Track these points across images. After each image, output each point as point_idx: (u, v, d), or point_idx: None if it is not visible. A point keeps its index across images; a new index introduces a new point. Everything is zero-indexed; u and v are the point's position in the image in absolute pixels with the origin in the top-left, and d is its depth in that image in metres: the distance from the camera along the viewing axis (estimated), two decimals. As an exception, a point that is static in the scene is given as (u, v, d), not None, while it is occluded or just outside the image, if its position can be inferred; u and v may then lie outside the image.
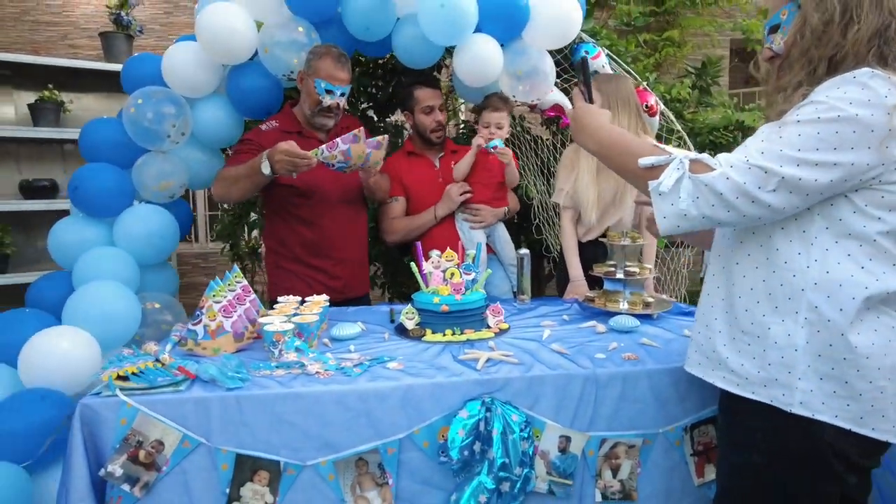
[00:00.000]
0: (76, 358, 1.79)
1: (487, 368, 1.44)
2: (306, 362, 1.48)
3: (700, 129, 3.75)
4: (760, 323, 1.14)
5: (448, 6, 2.05)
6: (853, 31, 1.07)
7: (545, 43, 2.41)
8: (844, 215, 1.07)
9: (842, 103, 1.02)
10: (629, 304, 1.94)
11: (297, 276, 2.22)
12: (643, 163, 1.18)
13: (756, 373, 1.14)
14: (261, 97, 2.34)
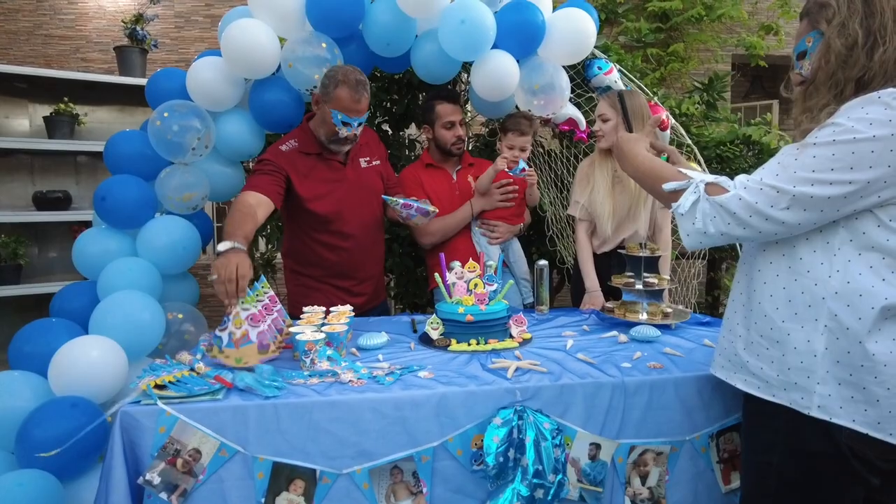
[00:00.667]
0: (105, 367, 1.81)
1: (517, 377, 1.47)
2: (339, 371, 1.51)
3: (707, 143, 3.80)
4: (780, 328, 1.19)
5: (469, 22, 2.10)
6: (879, 53, 1.12)
7: (560, 59, 2.47)
8: (868, 229, 1.11)
9: (860, 124, 1.07)
10: (648, 314, 1.97)
11: (318, 291, 2.25)
12: (666, 188, 1.31)
13: (776, 376, 1.19)
14: (283, 111, 2.38)
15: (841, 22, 1.17)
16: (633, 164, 1.47)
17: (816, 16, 1.22)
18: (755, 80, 8.12)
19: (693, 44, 4.68)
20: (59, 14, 5.18)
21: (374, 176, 2.35)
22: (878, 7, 1.14)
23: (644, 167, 1.43)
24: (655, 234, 2.35)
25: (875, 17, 1.14)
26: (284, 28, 2.31)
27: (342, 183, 2.22)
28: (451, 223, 2.41)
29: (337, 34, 2.31)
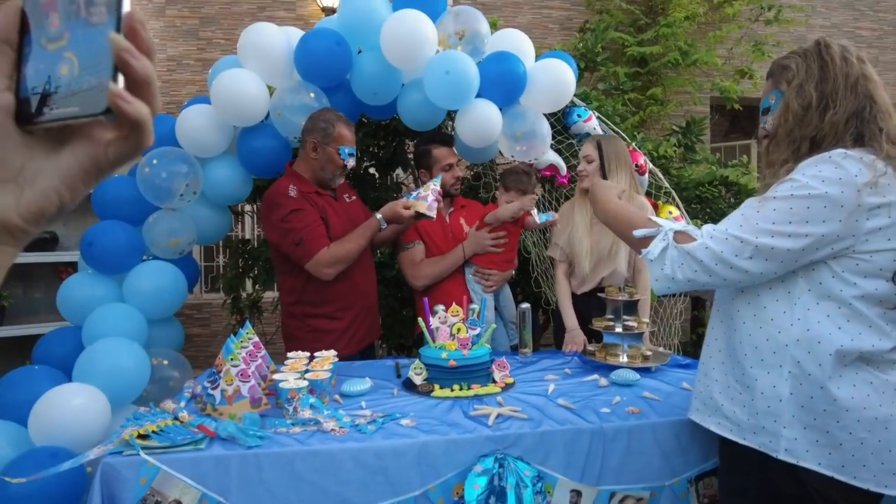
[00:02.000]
0: (87, 416, 1.81)
1: (498, 424, 1.49)
2: (321, 419, 1.52)
3: (686, 185, 3.91)
4: (749, 374, 1.25)
5: (453, 73, 2.19)
6: (829, 115, 1.22)
7: (542, 107, 2.56)
8: (824, 279, 1.18)
9: (815, 181, 1.15)
10: (629, 357, 2.01)
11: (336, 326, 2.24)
12: (637, 234, 1.37)
13: (746, 420, 1.25)
14: (271, 157, 2.44)
15: (799, 84, 1.26)
16: (605, 210, 1.53)
17: (779, 76, 1.32)
18: (734, 121, 8.38)
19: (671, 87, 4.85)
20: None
21: (359, 209, 2.41)
22: (831, 73, 1.23)
23: (616, 213, 1.50)
24: (636, 276, 2.40)
25: (828, 82, 1.23)
26: (273, 77, 2.38)
27: (341, 217, 2.27)
28: (444, 266, 2.43)
29: (324, 84, 2.39)
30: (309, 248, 2.09)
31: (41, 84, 0.37)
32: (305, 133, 2.20)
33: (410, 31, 2.17)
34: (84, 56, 0.36)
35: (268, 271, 3.10)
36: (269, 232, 2.18)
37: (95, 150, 0.38)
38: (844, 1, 6.95)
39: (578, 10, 6.05)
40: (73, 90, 0.36)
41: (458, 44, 2.30)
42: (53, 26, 0.37)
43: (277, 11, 5.62)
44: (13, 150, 0.37)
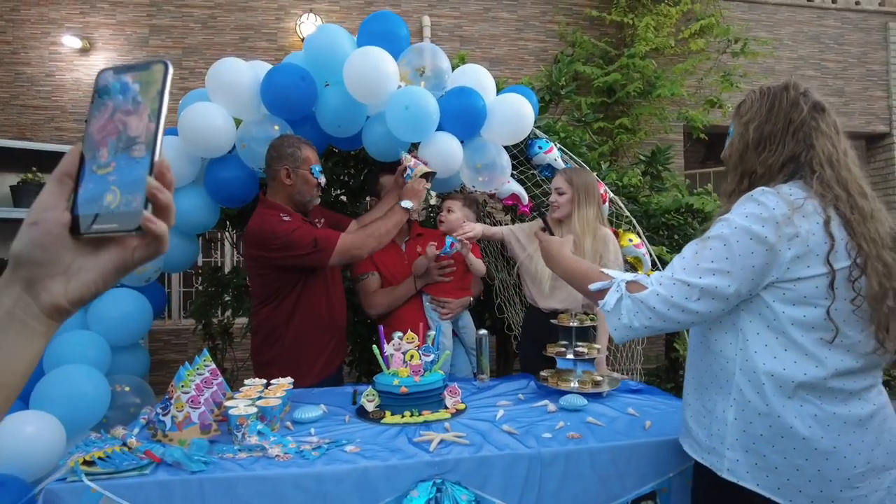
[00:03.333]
0: (40, 443, 1.83)
1: (440, 450, 1.53)
2: (267, 446, 1.56)
3: (654, 212, 4.01)
4: (711, 399, 1.34)
5: (412, 108, 2.27)
6: (764, 156, 1.31)
7: (502, 139, 2.65)
8: (761, 310, 1.26)
9: (741, 219, 1.23)
10: (580, 382, 2.06)
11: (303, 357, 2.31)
12: (592, 288, 1.43)
13: (704, 440, 1.34)
14: (237, 187, 2.50)
15: (746, 122, 1.36)
16: (561, 266, 1.61)
17: (737, 110, 1.43)
18: (710, 148, 8.59)
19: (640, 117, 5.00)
20: (36, 85, 5.34)
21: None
22: (774, 116, 1.32)
23: (571, 268, 1.57)
24: None
25: (770, 124, 1.32)
26: (240, 110, 2.46)
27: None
28: (396, 296, 2.51)
29: (290, 117, 2.47)
30: (328, 243, 2.16)
31: (92, 208, 0.49)
32: (273, 162, 2.24)
33: (372, 68, 2.26)
34: (124, 184, 0.49)
35: (237, 298, 3.14)
36: (275, 260, 2.17)
37: (125, 254, 0.51)
38: (810, 34, 7.21)
39: (553, 41, 6.24)
40: (114, 212, 0.49)
41: (420, 79, 2.40)
42: (103, 157, 0.50)
43: (259, 42, 5.75)
44: (66, 253, 0.50)
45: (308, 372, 2.28)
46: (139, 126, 0.50)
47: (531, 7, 6.31)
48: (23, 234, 0.49)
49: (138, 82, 0.51)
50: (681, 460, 1.59)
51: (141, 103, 0.50)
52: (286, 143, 2.26)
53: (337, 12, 5.84)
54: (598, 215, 2.48)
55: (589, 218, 2.43)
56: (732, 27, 5.81)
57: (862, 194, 1.26)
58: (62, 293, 0.49)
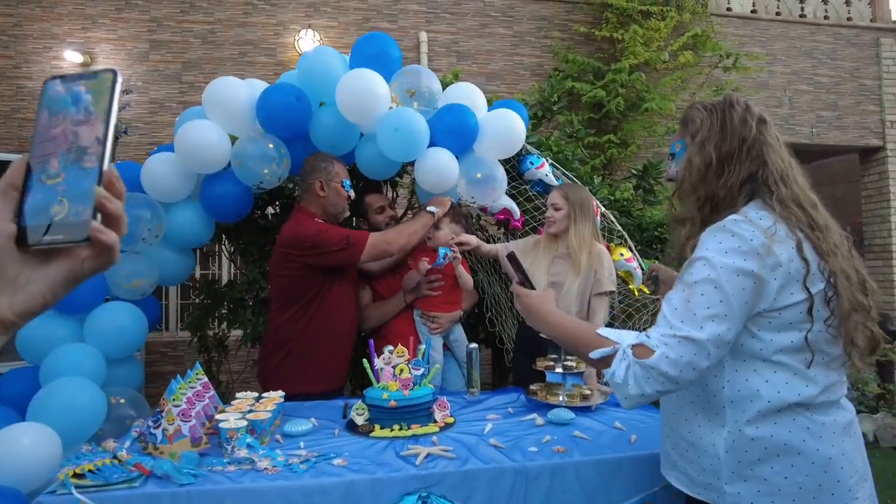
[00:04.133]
0: (36, 455, 1.85)
1: (426, 464, 1.56)
2: (256, 459, 1.58)
3: (647, 225, 4.05)
4: (694, 433, 1.30)
5: (401, 130, 2.32)
6: (724, 178, 1.27)
7: (495, 154, 2.70)
8: (745, 341, 1.22)
9: (721, 256, 1.17)
10: (568, 396, 2.08)
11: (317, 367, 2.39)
12: (594, 356, 1.27)
13: (696, 476, 1.29)
14: (232, 202, 2.55)
15: (701, 141, 1.31)
16: (546, 325, 1.41)
17: (686, 127, 1.37)
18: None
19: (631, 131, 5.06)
20: (37, 99, 5.40)
21: None
22: (729, 135, 1.27)
23: (560, 328, 1.38)
24: (591, 317, 2.50)
25: (726, 143, 1.27)
26: (236, 128, 2.50)
27: None
28: (386, 311, 2.57)
29: (285, 135, 2.51)
30: (360, 240, 2.30)
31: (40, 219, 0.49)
32: (308, 175, 2.41)
33: (364, 90, 2.31)
34: (73, 195, 0.49)
35: (233, 311, 3.16)
36: (308, 259, 2.27)
37: (74, 265, 0.50)
38: (803, 49, 7.30)
39: (548, 57, 6.32)
40: (62, 223, 0.49)
41: (412, 101, 2.44)
42: (53, 168, 0.50)
43: (258, 57, 5.82)
44: (11, 265, 0.49)
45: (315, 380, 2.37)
46: (90, 136, 0.50)
47: (527, 23, 6.40)
48: None
49: (90, 92, 0.51)
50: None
51: (93, 113, 0.50)
52: (319, 158, 2.43)
53: (335, 28, 5.92)
54: (593, 231, 2.52)
55: (585, 234, 2.47)
56: (723, 43, 5.89)
57: (813, 206, 1.25)
58: (6, 306, 0.49)
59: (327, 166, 2.40)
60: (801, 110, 7.31)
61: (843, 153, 7.78)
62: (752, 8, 7.21)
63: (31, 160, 0.51)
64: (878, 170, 7.49)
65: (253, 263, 3.16)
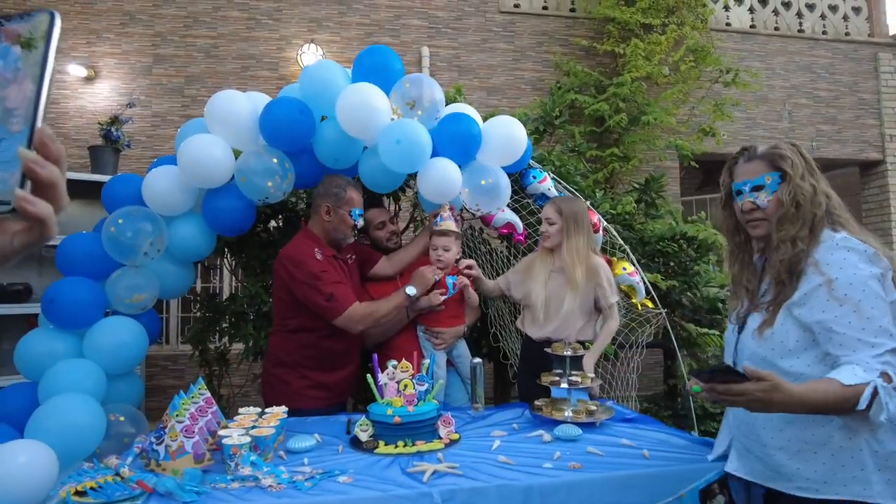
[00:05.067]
0: (31, 474, 1.81)
1: (433, 480, 1.53)
2: (260, 476, 1.56)
3: (649, 239, 4.04)
4: (817, 432, 1.38)
5: (403, 142, 2.31)
6: (818, 206, 1.46)
7: (498, 161, 2.68)
8: None
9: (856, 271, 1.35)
10: (573, 412, 2.06)
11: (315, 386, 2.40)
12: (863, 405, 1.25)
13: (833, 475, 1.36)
14: (234, 216, 2.53)
15: (802, 174, 1.48)
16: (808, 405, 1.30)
17: (777, 161, 1.50)
18: (708, 174, 8.68)
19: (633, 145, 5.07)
20: (41, 113, 5.42)
21: (356, 269, 2.62)
22: (813, 170, 1.50)
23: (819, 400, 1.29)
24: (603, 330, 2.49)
25: (814, 177, 1.49)
26: (239, 142, 2.50)
27: (350, 278, 2.48)
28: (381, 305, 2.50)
29: (288, 149, 2.51)
30: (341, 304, 2.28)
31: None
32: (318, 198, 2.41)
33: (363, 104, 2.30)
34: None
35: (235, 325, 3.14)
36: (296, 287, 2.30)
37: (3, 241, 0.45)
38: (802, 64, 7.35)
39: (549, 71, 6.36)
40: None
41: (413, 112, 2.44)
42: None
43: (260, 71, 5.85)
44: None
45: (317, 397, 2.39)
46: (18, 96, 0.44)
47: (528, 38, 6.45)
48: None
49: (18, 44, 0.45)
50: (677, 487, 1.60)
51: (20, 70, 0.44)
52: (334, 182, 2.42)
53: (338, 42, 5.96)
54: (588, 243, 2.50)
55: (579, 247, 2.46)
56: (723, 57, 5.92)
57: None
58: None
59: (339, 192, 2.39)
60: (800, 124, 7.34)
61: (843, 167, 7.80)
62: (752, 23, 7.27)
63: None
64: (879, 183, 7.51)
65: (255, 277, 3.14)
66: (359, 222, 2.45)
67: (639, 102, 5.18)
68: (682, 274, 3.99)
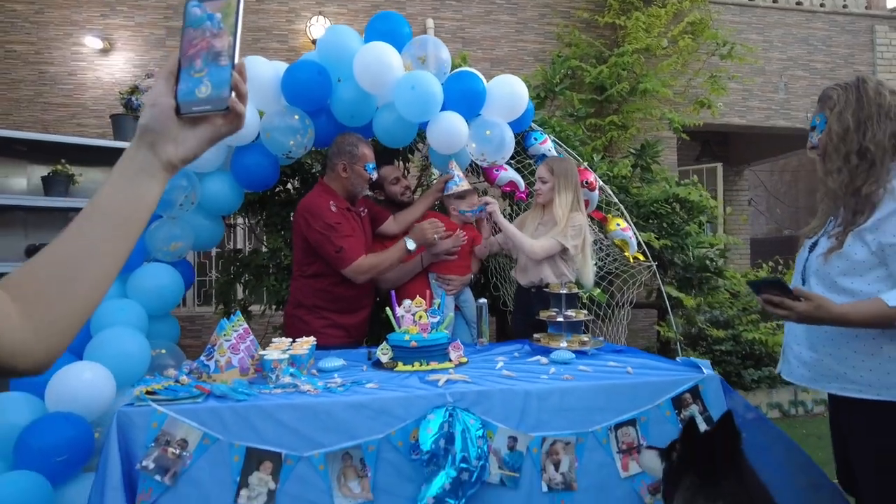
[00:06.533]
0: (96, 388, 2.08)
1: (448, 385, 1.80)
2: (299, 384, 1.82)
3: (644, 202, 4.28)
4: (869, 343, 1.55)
5: (418, 87, 2.54)
6: (870, 136, 1.59)
7: (502, 116, 2.89)
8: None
9: None
10: (568, 342, 2.32)
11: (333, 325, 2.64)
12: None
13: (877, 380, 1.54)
14: (261, 173, 2.77)
15: (839, 111, 1.64)
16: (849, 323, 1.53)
17: (824, 103, 1.70)
18: (706, 145, 8.86)
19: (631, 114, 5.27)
20: (58, 84, 5.62)
21: (368, 222, 2.85)
22: (866, 102, 1.61)
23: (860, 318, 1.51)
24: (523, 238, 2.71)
25: (863, 111, 1.60)
26: (263, 103, 2.72)
27: (361, 229, 2.71)
28: (404, 271, 2.82)
29: (308, 108, 2.73)
30: (349, 256, 2.51)
31: (190, 97, 0.70)
32: (334, 157, 2.64)
33: (377, 61, 2.53)
34: (214, 81, 0.70)
35: (257, 277, 3.39)
36: (311, 235, 2.53)
37: (215, 128, 0.72)
38: (799, 36, 7.49)
39: (552, 42, 6.52)
40: (207, 99, 0.70)
41: (423, 68, 2.66)
42: (198, 65, 0.71)
43: (271, 43, 6.02)
44: (173, 127, 0.70)
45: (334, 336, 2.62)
46: (222, 44, 0.70)
47: (531, 10, 6.59)
48: (146, 112, 0.70)
49: (219, 12, 0.70)
50: (658, 396, 1.86)
51: (222, 28, 0.70)
52: (347, 142, 2.63)
53: (345, 14, 6.12)
54: (575, 201, 2.72)
55: (567, 203, 2.69)
56: (721, 29, 6.07)
57: None
58: (174, 153, 0.69)
59: (352, 150, 2.60)
60: (796, 95, 7.51)
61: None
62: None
63: (181, 60, 0.71)
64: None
65: (276, 233, 3.39)
66: (373, 175, 2.66)
67: (637, 73, 5.36)
68: (675, 234, 4.23)
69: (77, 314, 0.65)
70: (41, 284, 0.62)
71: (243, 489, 1.57)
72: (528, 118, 3.02)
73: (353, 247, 2.54)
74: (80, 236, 0.65)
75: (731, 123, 7.28)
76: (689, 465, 1.40)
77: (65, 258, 0.64)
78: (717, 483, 1.33)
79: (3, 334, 0.59)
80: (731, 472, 1.34)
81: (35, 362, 0.62)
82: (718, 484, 1.33)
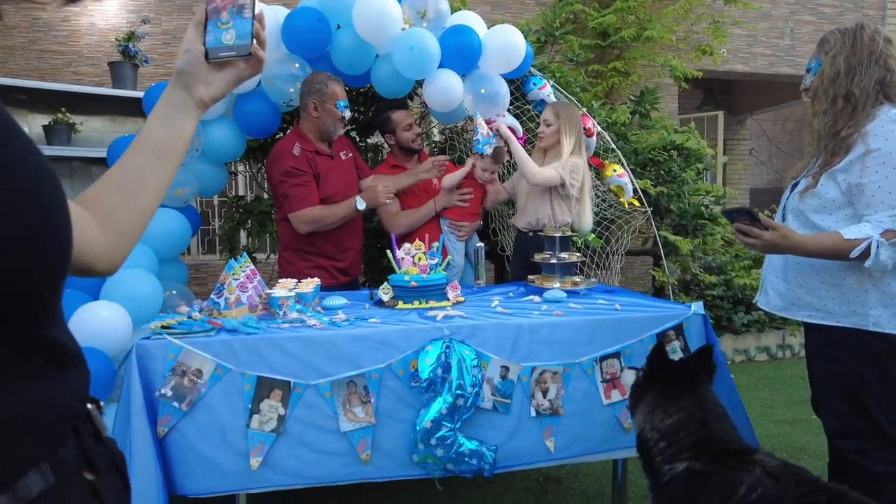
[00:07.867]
0: (114, 324, 2.20)
1: (445, 320, 1.91)
2: (305, 319, 1.93)
3: (642, 149, 4.32)
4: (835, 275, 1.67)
5: (416, 48, 2.55)
6: (857, 81, 1.65)
7: (498, 69, 2.92)
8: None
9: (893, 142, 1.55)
10: (561, 283, 2.43)
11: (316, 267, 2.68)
12: (854, 255, 1.57)
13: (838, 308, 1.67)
14: (263, 120, 2.81)
15: (833, 55, 1.70)
16: (807, 252, 1.66)
17: (821, 47, 1.76)
18: (708, 93, 8.76)
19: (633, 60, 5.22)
20: (52, 31, 5.55)
21: (351, 166, 2.87)
22: (859, 48, 1.66)
23: (817, 249, 1.64)
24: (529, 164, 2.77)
25: (855, 56, 1.66)
26: (264, 49, 2.73)
27: (333, 172, 2.71)
28: (417, 217, 2.89)
29: (308, 55, 2.75)
30: (293, 205, 2.54)
31: (217, 44, 0.81)
32: (303, 97, 2.60)
33: (377, 11, 2.53)
34: (239, 30, 0.81)
35: (260, 223, 3.48)
36: (271, 180, 2.60)
37: (239, 71, 0.84)
38: (808, -22, 7.30)
39: (553, -15, 6.37)
40: (232, 46, 0.81)
41: (422, 21, 2.66)
42: (224, 17, 0.82)
43: (266, -13, 5.90)
44: (203, 70, 0.82)
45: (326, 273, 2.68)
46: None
47: (531, -49, 6.42)
48: (181, 58, 0.82)
49: None
50: (643, 331, 1.98)
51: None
52: (315, 80, 2.59)
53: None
54: (577, 145, 2.78)
55: (569, 147, 2.75)
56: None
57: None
58: (205, 93, 0.83)
59: (321, 87, 2.55)
60: (802, 41, 7.38)
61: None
62: (759, -64, 7.15)
63: (207, 11, 0.82)
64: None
65: (277, 180, 3.45)
66: (345, 113, 2.60)
67: (640, 18, 5.27)
68: (671, 182, 4.28)
69: (140, 222, 0.80)
70: (112, 200, 0.77)
71: (255, 415, 1.70)
72: (526, 63, 3.03)
73: (302, 195, 2.52)
74: (134, 163, 0.79)
75: (735, 70, 7.18)
76: (654, 383, 1.53)
77: (126, 179, 0.79)
78: (674, 400, 1.46)
79: (88, 243, 0.72)
80: (689, 393, 1.47)
81: (110, 264, 0.78)
82: (675, 402, 1.46)
